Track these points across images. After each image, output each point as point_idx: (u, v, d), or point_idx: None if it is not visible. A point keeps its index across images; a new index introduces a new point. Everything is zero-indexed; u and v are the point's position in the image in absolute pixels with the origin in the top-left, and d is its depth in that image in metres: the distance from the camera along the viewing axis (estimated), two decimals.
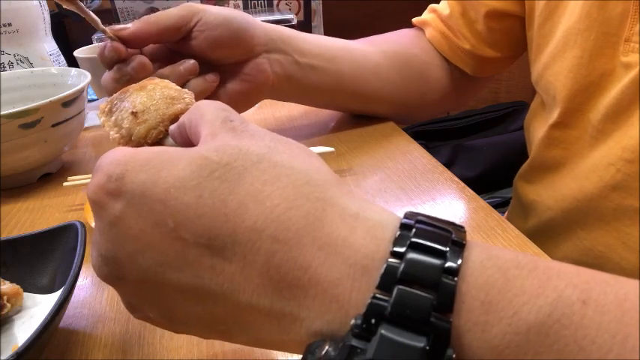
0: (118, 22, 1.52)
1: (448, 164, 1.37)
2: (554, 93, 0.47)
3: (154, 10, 1.53)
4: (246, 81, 0.49)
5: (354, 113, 0.62)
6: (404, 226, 0.18)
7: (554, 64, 0.46)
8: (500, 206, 1.13)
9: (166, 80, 0.32)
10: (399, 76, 0.59)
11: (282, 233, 0.18)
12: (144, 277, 0.20)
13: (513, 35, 0.57)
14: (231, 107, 0.24)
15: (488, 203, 0.43)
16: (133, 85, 0.31)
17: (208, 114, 0.23)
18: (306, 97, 0.57)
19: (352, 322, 0.16)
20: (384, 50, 0.59)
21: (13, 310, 0.33)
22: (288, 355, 0.30)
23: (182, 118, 0.26)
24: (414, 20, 0.66)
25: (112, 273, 0.21)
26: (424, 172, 0.49)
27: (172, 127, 0.27)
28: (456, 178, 0.47)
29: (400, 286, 0.16)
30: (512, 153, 1.45)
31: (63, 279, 0.32)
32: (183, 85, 0.46)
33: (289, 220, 0.18)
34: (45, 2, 0.76)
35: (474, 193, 0.45)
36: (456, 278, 0.16)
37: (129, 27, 0.45)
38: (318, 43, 0.55)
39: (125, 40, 0.45)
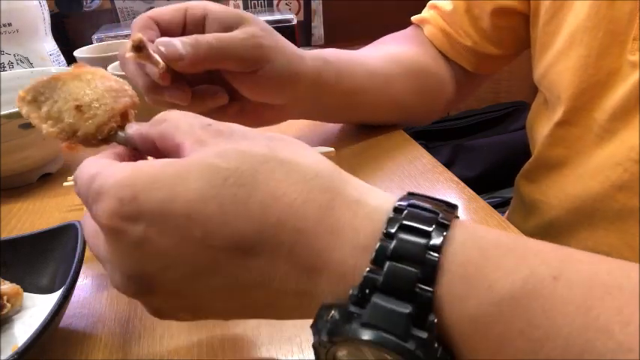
0: (118, 21, 1.52)
1: (448, 164, 1.37)
2: (558, 91, 0.46)
3: None
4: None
5: (359, 124, 0.60)
6: (397, 210, 0.20)
7: (559, 62, 0.46)
8: (500, 206, 1.13)
9: (99, 68, 0.30)
10: (410, 90, 0.58)
11: (302, 224, 0.20)
12: (176, 288, 0.21)
13: (517, 33, 0.56)
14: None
15: (488, 203, 0.43)
16: (63, 72, 0.28)
17: (182, 123, 0.24)
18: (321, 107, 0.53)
19: (350, 292, 0.19)
20: (396, 61, 0.57)
21: (13, 310, 0.33)
22: (288, 355, 0.30)
23: (149, 131, 0.25)
24: (414, 18, 0.65)
25: (141, 289, 0.22)
26: (424, 172, 0.49)
27: (132, 132, 0.27)
28: (456, 178, 0.47)
29: (390, 262, 0.19)
30: (512, 153, 1.45)
31: (63, 279, 0.32)
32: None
33: (306, 212, 0.20)
34: (45, 2, 0.76)
35: (473, 193, 0.45)
36: (438, 255, 0.19)
37: (182, 53, 0.37)
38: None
39: (175, 68, 0.38)
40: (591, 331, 0.16)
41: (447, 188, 0.46)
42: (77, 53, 0.68)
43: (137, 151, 0.27)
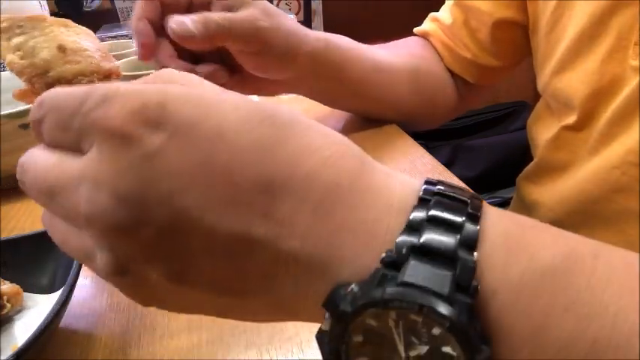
0: (118, 21, 1.52)
1: (448, 164, 1.37)
2: (565, 99, 0.47)
3: None
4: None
5: (360, 115, 0.62)
6: (428, 182, 0.20)
7: (566, 71, 0.46)
8: (500, 206, 1.12)
9: (90, 30, 0.28)
10: (413, 91, 0.59)
11: (334, 179, 0.19)
12: (173, 222, 0.18)
13: (516, 44, 0.57)
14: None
15: (489, 203, 0.43)
16: (47, 16, 0.27)
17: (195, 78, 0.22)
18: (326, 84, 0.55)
19: (383, 254, 0.17)
20: (403, 61, 0.58)
21: (13, 310, 0.33)
22: (288, 355, 0.30)
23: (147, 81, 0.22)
24: (416, 30, 0.66)
25: (130, 217, 0.18)
26: (424, 172, 0.49)
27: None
28: (456, 178, 0.47)
29: (429, 225, 0.18)
30: (512, 153, 1.46)
31: (63, 279, 0.32)
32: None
33: (340, 168, 0.19)
34: (45, 2, 0.76)
35: None
36: (477, 225, 0.18)
37: (193, 31, 0.40)
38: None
39: (185, 45, 0.41)
40: (638, 312, 0.16)
41: None
42: None
43: None
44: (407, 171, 0.49)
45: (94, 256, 0.19)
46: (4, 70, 0.70)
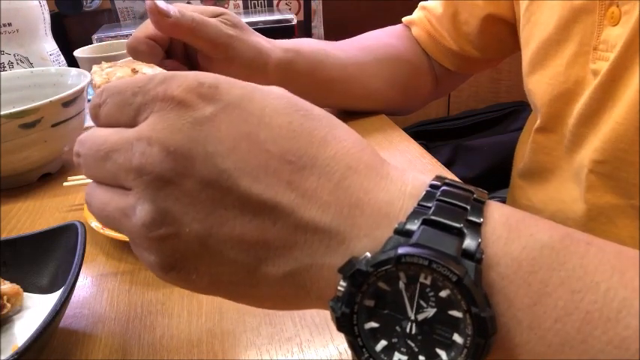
0: (118, 21, 1.52)
1: (448, 164, 1.37)
2: (534, 99, 0.49)
3: None
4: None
5: (337, 109, 0.64)
6: (438, 178, 0.22)
7: (536, 72, 0.48)
8: None
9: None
10: (383, 79, 0.62)
11: (355, 164, 0.21)
12: (212, 179, 0.20)
13: (502, 41, 0.60)
14: None
15: None
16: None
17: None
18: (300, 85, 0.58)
19: (396, 225, 0.19)
20: (378, 59, 0.61)
21: (13, 310, 0.33)
22: (288, 355, 0.30)
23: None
24: (404, 19, 0.68)
25: (176, 170, 0.20)
26: (424, 172, 0.49)
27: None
28: (456, 178, 0.47)
29: (439, 202, 0.20)
30: (512, 153, 1.45)
31: (63, 279, 0.32)
32: None
33: (361, 157, 0.22)
34: (45, 2, 0.76)
35: None
36: (482, 207, 0.20)
37: (170, 13, 0.45)
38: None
39: (160, 25, 0.46)
40: (628, 290, 0.17)
41: None
42: (77, 53, 0.68)
43: None
44: None
45: (132, 212, 0.21)
46: (3, 70, 0.70)
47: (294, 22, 1.39)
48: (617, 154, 0.40)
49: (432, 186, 0.21)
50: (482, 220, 0.19)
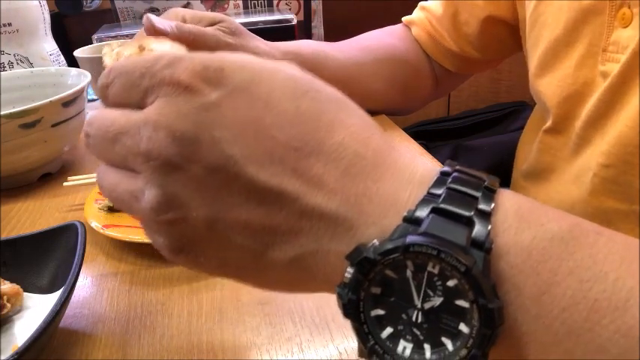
0: (118, 21, 1.52)
1: None
2: (544, 101, 0.49)
3: (153, 10, 1.53)
4: None
5: None
6: (449, 164, 0.22)
7: (545, 74, 0.48)
8: None
9: None
10: (382, 78, 0.62)
11: (364, 150, 0.21)
12: (219, 165, 0.20)
13: (502, 42, 0.60)
14: None
15: None
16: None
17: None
18: None
19: (405, 213, 0.19)
20: (378, 59, 0.62)
21: (13, 310, 0.33)
22: (288, 355, 0.30)
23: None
24: (404, 19, 0.68)
25: (183, 155, 0.20)
26: None
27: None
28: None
29: (449, 189, 0.19)
30: (512, 153, 1.45)
31: (63, 279, 0.32)
32: None
33: (369, 143, 0.21)
34: (45, 2, 0.76)
35: None
36: (493, 195, 0.20)
37: (167, 29, 0.46)
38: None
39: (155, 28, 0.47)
40: (637, 279, 0.17)
41: None
42: (77, 53, 0.68)
43: None
44: None
45: (141, 195, 0.21)
46: (3, 70, 0.70)
47: (294, 22, 1.39)
48: (625, 158, 0.39)
49: (443, 172, 0.20)
50: (492, 208, 0.19)
